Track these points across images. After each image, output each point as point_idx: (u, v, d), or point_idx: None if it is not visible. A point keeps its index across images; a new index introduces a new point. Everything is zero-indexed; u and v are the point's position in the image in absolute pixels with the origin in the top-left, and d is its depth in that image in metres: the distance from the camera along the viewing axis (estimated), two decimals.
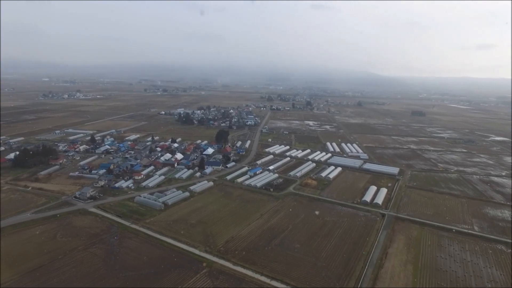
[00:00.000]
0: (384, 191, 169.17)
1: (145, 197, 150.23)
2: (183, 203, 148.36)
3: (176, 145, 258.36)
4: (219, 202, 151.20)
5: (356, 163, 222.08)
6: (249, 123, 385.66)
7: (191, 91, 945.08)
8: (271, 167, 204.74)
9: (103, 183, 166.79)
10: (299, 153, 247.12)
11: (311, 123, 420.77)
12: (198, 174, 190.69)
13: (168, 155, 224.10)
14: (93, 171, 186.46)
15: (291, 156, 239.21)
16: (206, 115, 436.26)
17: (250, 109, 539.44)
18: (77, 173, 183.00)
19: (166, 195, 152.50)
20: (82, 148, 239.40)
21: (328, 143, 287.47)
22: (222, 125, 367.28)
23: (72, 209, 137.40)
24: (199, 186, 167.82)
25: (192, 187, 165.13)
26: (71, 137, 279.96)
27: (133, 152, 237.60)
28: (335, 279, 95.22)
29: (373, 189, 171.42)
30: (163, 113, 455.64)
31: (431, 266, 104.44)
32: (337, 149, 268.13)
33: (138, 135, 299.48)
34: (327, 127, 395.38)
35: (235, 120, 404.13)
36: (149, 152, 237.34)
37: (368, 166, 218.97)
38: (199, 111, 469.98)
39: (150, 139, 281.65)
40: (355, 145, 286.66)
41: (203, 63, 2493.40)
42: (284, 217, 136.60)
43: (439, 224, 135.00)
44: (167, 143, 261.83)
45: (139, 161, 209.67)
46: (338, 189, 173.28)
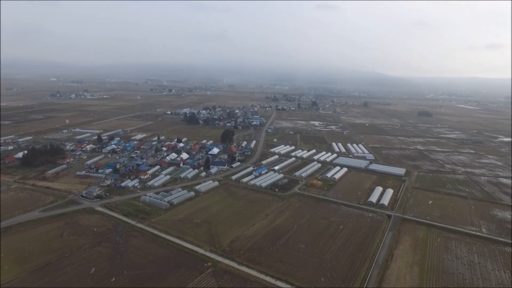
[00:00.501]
0: (390, 192, 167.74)
1: (150, 197, 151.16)
2: (189, 202, 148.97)
3: (181, 144, 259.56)
4: (224, 202, 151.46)
5: (362, 164, 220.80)
6: (254, 123, 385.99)
7: (197, 91, 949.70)
8: (277, 167, 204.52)
9: (109, 182, 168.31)
10: (305, 154, 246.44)
11: (316, 123, 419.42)
12: (203, 174, 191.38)
13: (173, 155, 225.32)
14: (100, 170, 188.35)
15: (296, 156, 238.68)
16: (211, 115, 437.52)
17: (255, 109, 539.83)
18: (84, 172, 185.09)
19: (171, 195, 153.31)
20: (89, 147, 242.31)
21: (333, 144, 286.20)
22: (227, 125, 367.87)
23: (78, 208, 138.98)
24: (204, 185, 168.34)
25: (197, 187, 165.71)
26: (78, 137, 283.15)
27: (139, 151, 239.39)
28: (340, 280, 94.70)
29: (379, 190, 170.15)
30: (169, 113, 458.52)
31: (437, 268, 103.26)
32: (343, 150, 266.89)
33: (144, 135, 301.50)
34: (333, 127, 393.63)
35: (241, 120, 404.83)
36: (155, 151, 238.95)
37: (374, 166, 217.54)
38: (204, 111, 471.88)
39: (156, 138, 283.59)
40: (361, 145, 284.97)
41: (209, 63, 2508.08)
42: (289, 217, 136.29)
43: (446, 225, 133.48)
44: (172, 143, 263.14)
45: (145, 160, 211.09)
46: (343, 190, 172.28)
